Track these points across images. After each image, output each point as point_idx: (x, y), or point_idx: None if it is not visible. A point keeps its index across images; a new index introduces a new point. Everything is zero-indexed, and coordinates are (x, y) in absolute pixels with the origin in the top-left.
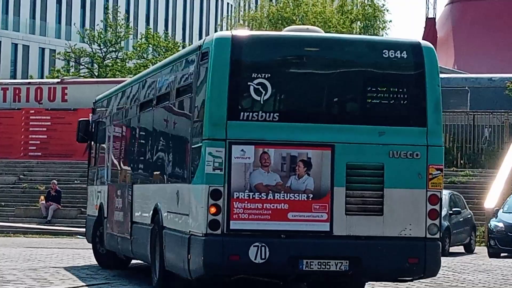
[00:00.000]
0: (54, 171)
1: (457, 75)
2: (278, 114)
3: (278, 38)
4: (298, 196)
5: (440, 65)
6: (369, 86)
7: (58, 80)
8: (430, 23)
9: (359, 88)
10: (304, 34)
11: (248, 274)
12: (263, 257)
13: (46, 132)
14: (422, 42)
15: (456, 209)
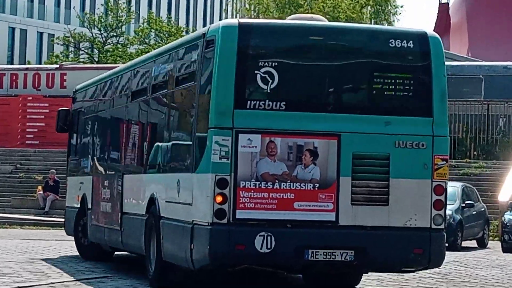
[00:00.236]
0: (52, 160)
1: (471, 63)
2: (284, 103)
3: (286, 26)
4: (304, 185)
5: (453, 52)
6: (375, 75)
7: (57, 66)
8: (443, 9)
9: (365, 77)
10: (311, 23)
11: (253, 264)
12: (269, 246)
13: (44, 119)
14: (428, 32)
15: (469, 202)
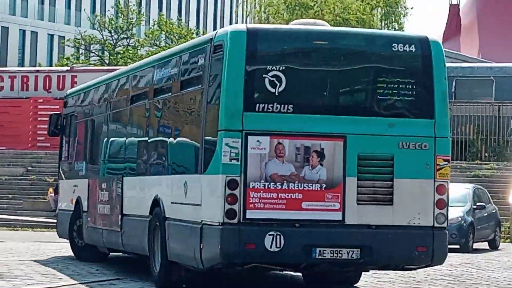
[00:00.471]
0: None
1: (481, 64)
2: (292, 105)
3: (292, 31)
4: (312, 186)
5: (463, 53)
6: (379, 78)
7: (68, 68)
8: (454, 10)
9: (370, 80)
10: (316, 28)
11: (263, 262)
12: (278, 245)
13: None
14: (429, 37)
15: (480, 203)
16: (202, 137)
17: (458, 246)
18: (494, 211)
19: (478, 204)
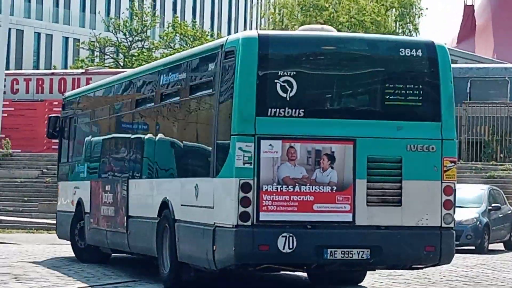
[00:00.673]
0: None
1: (496, 65)
2: (303, 110)
3: (302, 37)
4: (323, 188)
5: (478, 54)
6: (387, 83)
7: (83, 70)
8: (469, 11)
9: (378, 85)
10: (326, 33)
11: (276, 263)
12: (291, 247)
13: None
14: (435, 41)
15: (495, 204)
16: (214, 141)
17: (474, 247)
18: (509, 212)
19: (493, 205)
